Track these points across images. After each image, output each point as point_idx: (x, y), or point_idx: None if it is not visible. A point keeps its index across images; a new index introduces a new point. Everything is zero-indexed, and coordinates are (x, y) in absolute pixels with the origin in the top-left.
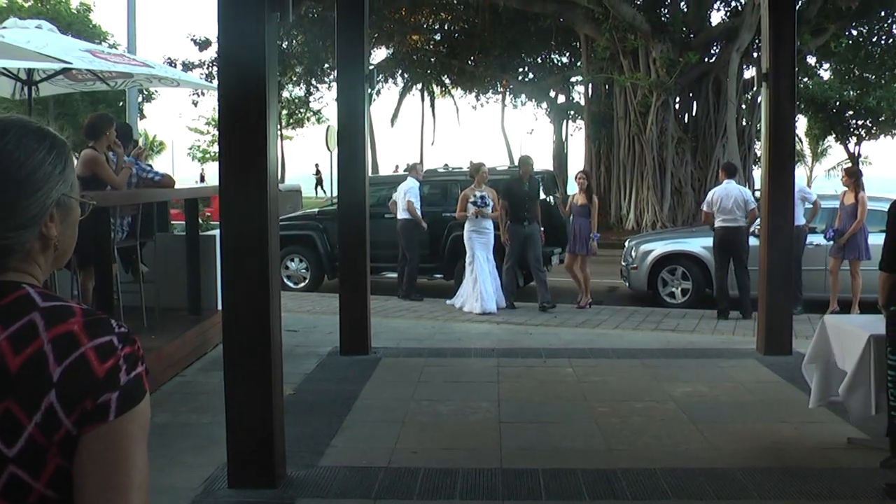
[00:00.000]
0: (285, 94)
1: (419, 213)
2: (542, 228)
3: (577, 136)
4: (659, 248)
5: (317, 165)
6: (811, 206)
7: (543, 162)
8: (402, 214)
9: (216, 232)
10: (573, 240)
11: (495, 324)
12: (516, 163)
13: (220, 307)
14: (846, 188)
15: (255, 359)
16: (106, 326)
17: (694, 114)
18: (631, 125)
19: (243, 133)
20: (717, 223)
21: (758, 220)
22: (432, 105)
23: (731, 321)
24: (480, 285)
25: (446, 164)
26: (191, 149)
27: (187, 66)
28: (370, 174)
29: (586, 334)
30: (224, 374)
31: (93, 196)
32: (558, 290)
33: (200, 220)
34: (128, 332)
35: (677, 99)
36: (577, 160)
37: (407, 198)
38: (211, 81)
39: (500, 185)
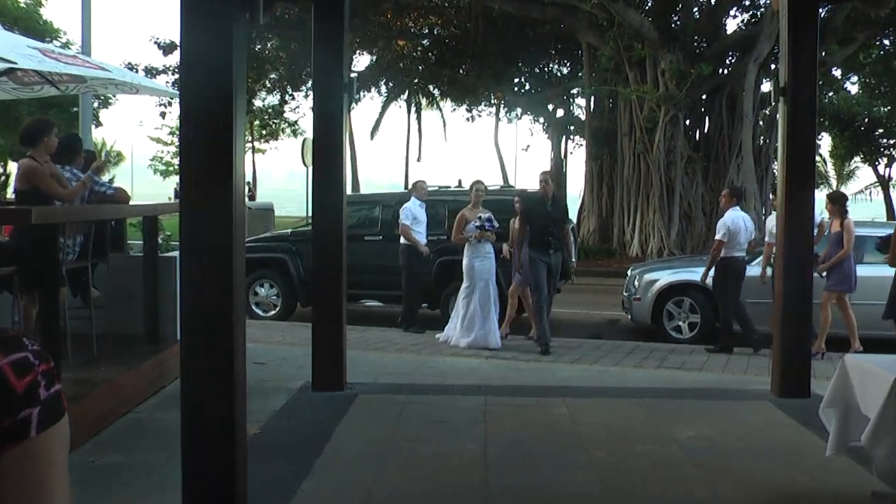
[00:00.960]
0: (258, 102)
1: (416, 236)
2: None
3: (577, 153)
4: (665, 277)
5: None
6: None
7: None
8: (402, 239)
9: (177, 253)
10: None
11: (483, 359)
12: (510, 181)
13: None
14: (832, 216)
15: (215, 394)
16: (19, 343)
17: (706, 130)
18: (636, 142)
19: (206, 144)
20: (729, 253)
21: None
22: (418, 117)
23: (742, 357)
24: (491, 319)
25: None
26: (152, 160)
27: (150, 72)
28: (350, 192)
29: (583, 371)
30: (181, 411)
31: (38, 212)
32: (554, 322)
33: (160, 240)
34: (42, 350)
35: (688, 114)
36: (576, 179)
37: (401, 220)
38: (176, 88)
39: (523, 204)
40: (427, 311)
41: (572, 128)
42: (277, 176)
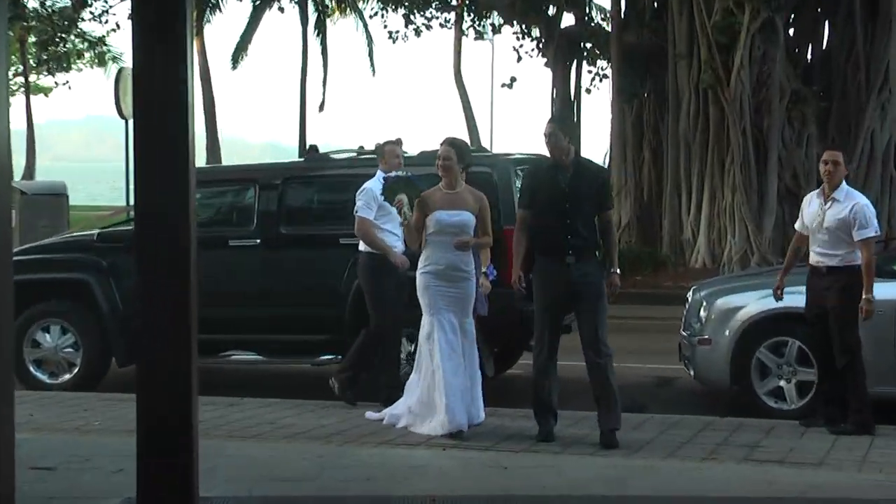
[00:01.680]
0: (34, 2)
1: (384, 237)
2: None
3: (598, 92)
4: (754, 304)
5: None
6: None
7: (535, 142)
8: (362, 245)
9: None
10: None
11: (440, 448)
12: (485, 143)
13: None
14: None
15: None
16: None
17: (824, 47)
18: (701, 70)
19: None
20: (853, 262)
21: None
22: (321, 33)
23: (891, 438)
24: (477, 383)
25: (361, 147)
26: None
27: None
28: (203, 163)
29: (612, 468)
30: None
31: None
32: (564, 380)
33: None
34: None
35: (791, 19)
36: (597, 136)
37: (358, 212)
38: None
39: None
40: (306, 369)
41: (589, 46)
42: (73, 137)
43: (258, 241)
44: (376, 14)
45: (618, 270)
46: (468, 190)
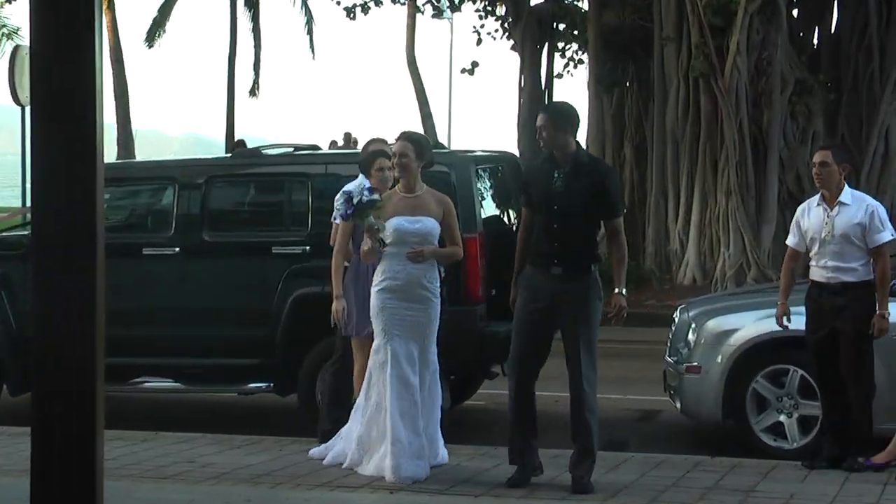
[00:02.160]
0: None
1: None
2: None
3: (572, 79)
4: (750, 326)
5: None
6: None
7: (500, 136)
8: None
9: None
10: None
11: (387, 492)
12: (442, 139)
13: None
14: None
15: None
16: None
17: (834, 30)
18: (692, 55)
19: None
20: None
21: None
22: (252, 8)
23: None
24: (435, 416)
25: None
26: None
27: None
28: (113, 159)
29: None
30: None
31: None
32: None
33: None
34: None
35: None
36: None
37: (335, 219)
38: None
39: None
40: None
41: (563, 27)
42: None
43: (177, 249)
44: None
45: (624, 291)
46: (430, 193)
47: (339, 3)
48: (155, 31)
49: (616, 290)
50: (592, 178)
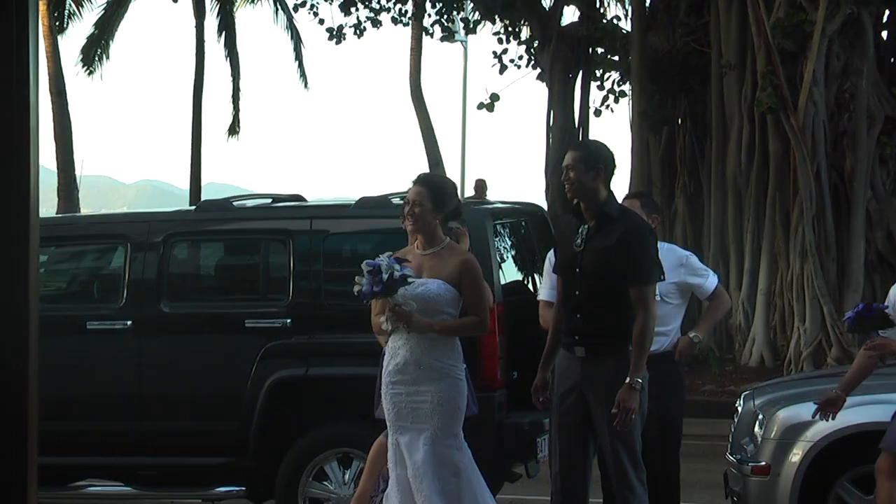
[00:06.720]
0: None
1: None
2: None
3: (613, 114)
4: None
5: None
6: None
7: (524, 185)
8: None
9: None
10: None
11: None
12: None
13: None
14: None
15: None
16: None
17: None
18: (758, 86)
19: None
20: None
21: None
22: (226, 32)
23: None
24: None
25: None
26: None
27: None
28: (52, 213)
29: None
30: None
31: None
32: None
33: None
34: None
35: (885, 18)
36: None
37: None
38: None
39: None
40: None
41: (600, 52)
42: None
43: (129, 323)
44: (303, 4)
45: (638, 382)
46: (451, 249)
47: (321, 23)
48: (93, 53)
49: (626, 380)
50: (617, 235)
